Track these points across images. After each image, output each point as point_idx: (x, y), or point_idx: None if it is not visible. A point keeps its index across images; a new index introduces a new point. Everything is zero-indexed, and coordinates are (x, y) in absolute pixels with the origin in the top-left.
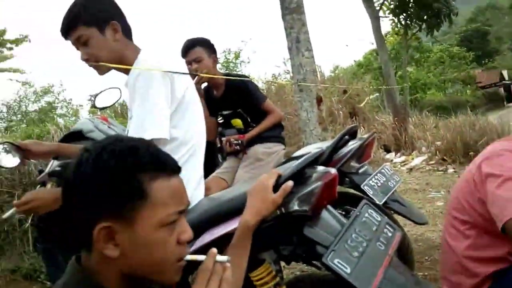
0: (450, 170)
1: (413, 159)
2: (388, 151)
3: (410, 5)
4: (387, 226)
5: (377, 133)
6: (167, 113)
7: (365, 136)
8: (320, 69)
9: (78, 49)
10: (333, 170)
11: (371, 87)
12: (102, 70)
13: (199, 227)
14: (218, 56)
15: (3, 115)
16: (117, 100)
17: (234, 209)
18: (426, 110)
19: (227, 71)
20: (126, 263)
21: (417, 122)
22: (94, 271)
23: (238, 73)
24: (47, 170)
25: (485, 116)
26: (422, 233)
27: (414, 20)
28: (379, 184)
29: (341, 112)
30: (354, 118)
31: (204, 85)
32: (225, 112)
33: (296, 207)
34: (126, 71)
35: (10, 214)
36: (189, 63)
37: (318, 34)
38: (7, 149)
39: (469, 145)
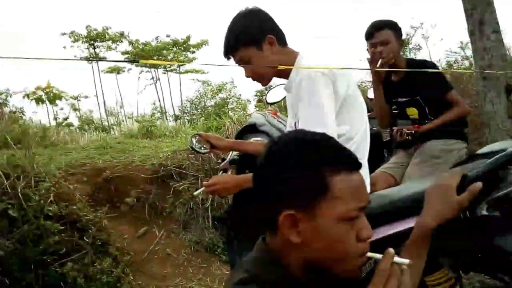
0: None
1: None
2: None
3: None
4: None
5: None
6: (332, 113)
7: None
8: (510, 51)
9: (240, 65)
10: None
11: None
12: (265, 82)
13: (375, 220)
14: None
15: (187, 109)
16: (285, 97)
17: (408, 208)
18: None
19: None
20: (308, 251)
21: None
22: (279, 252)
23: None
24: (228, 158)
25: None
26: None
27: None
28: None
29: None
30: None
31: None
32: (400, 100)
33: (484, 212)
34: (287, 76)
35: (199, 192)
36: (374, 45)
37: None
38: (198, 139)
39: None
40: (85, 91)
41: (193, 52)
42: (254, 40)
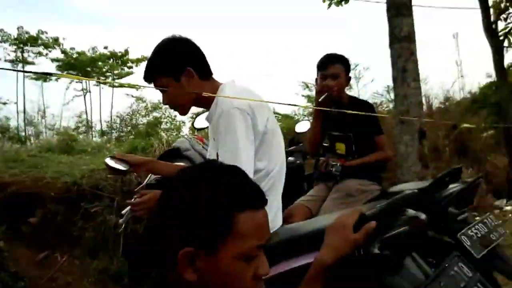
0: None
1: None
2: (499, 197)
3: None
4: (479, 284)
5: (489, 176)
6: (248, 148)
7: (470, 180)
8: (429, 100)
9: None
10: (423, 216)
11: (485, 124)
12: (182, 111)
13: (274, 256)
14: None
15: (116, 125)
16: None
17: (311, 244)
18: None
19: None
20: None
21: None
22: None
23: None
24: (145, 181)
25: None
26: None
27: None
28: (479, 235)
29: (447, 149)
30: (462, 157)
31: None
32: (333, 133)
33: (377, 250)
34: (208, 107)
35: (126, 218)
36: (324, 77)
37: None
38: (115, 160)
39: None
40: (6, 96)
41: (131, 67)
42: (171, 71)
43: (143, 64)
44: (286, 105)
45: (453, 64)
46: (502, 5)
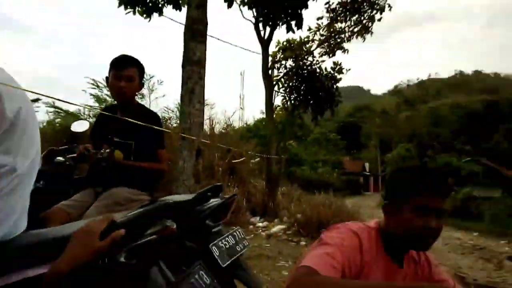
0: (303, 243)
1: (273, 226)
2: (255, 214)
3: (301, 89)
4: None
5: (249, 196)
6: None
7: (227, 196)
8: (213, 123)
9: None
10: (174, 225)
11: (253, 152)
12: None
13: (10, 264)
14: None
15: None
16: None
17: (55, 251)
18: (297, 183)
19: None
20: None
21: (286, 192)
22: None
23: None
24: None
25: (343, 199)
26: None
27: (302, 102)
28: (228, 246)
29: (220, 169)
30: (232, 177)
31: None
32: (115, 139)
33: (123, 259)
34: None
35: None
36: (119, 77)
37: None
38: None
39: (323, 222)
40: None
41: None
42: None
43: None
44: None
45: (237, 97)
46: (278, 56)
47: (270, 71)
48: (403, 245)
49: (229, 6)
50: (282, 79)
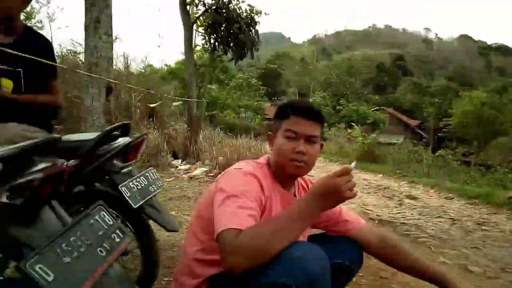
0: None
1: (196, 168)
2: (176, 157)
3: (221, 28)
4: (117, 231)
5: (170, 139)
6: None
7: (136, 135)
8: (128, 60)
9: None
10: (61, 162)
11: (174, 95)
12: None
13: None
14: None
15: None
16: None
17: None
18: (219, 127)
19: None
20: None
21: (208, 136)
22: None
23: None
24: None
25: (263, 143)
26: (180, 239)
27: (222, 43)
28: (140, 187)
29: (138, 110)
30: (151, 119)
31: None
32: (0, 66)
33: (5, 199)
34: None
35: None
36: None
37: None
38: None
39: None
40: None
41: None
42: None
43: None
44: None
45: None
46: None
47: (189, 7)
48: (283, 172)
49: None
50: (201, 17)
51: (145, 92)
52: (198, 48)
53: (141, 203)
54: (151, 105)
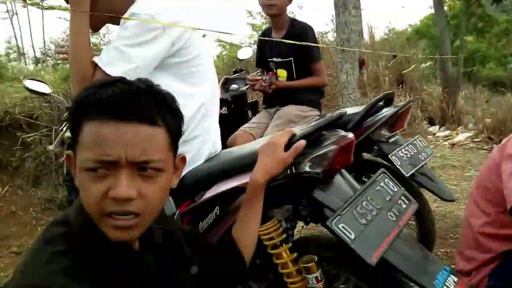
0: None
1: (457, 134)
2: (432, 123)
3: None
4: (403, 198)
5: (424, 104)
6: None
7: (401, 104)
8: (372, 30)
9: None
10: (350, 135)
11: (422, 56)
12: (94, 28)
13: (214, 178)
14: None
15: (51, 52)
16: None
17: (247, 164)
18: (481, 84)
19: None
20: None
21: (468, 96)
22: None
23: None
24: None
25: None
26: (452, 211)
27: None
28: (409, 156)
29: (387, 78)
30: (401, 86)
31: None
32: (275, 60)
33: (307, 169)
34: (118, 23)
35: (56, 144)
36: None
37: None
38: (36, 82)
39: None
40: None
41: None
42: None
43: None
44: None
45: None
46: None
47: None
48: None
49: None
50: None
51: (392, 58)
52: None
53: (412, 171)
54: (404, 71)
